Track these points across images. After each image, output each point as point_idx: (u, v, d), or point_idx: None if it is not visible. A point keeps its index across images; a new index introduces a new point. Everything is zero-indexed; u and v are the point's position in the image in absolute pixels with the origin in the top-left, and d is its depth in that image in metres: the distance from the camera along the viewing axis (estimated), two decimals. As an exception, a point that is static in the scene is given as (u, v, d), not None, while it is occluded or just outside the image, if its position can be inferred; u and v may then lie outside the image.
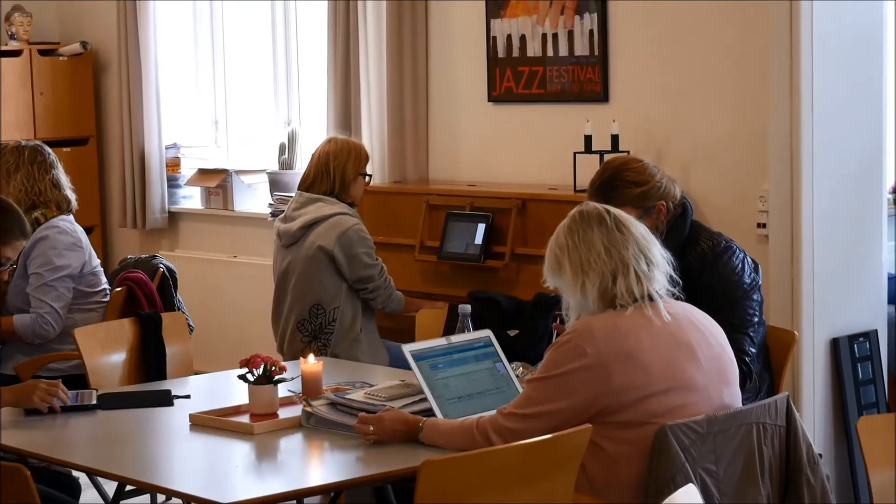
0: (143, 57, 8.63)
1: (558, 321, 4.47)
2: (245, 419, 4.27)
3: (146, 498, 6.20)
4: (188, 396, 4.63)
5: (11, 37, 9.02)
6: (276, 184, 8.05)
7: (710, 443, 3.78)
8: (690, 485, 3.26)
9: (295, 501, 5.63)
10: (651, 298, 3.86)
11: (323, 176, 5.95)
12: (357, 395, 4.21)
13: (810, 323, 5.81)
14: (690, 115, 6.29)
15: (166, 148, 8.80)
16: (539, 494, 3.61)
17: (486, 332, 4.38)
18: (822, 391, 5.88)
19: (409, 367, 4.16)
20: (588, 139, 6.39)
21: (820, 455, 4.07)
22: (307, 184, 5.98)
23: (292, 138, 8.14)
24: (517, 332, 5.60)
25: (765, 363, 4.80)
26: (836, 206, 5.86)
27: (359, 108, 7.46)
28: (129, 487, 5.21)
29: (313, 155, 6.03)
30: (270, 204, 8.02)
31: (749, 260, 4.78)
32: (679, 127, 6.33)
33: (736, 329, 4.52)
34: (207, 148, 8.99)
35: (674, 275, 3.93)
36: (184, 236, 8.85)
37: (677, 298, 3.94)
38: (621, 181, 4.72)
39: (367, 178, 6.07)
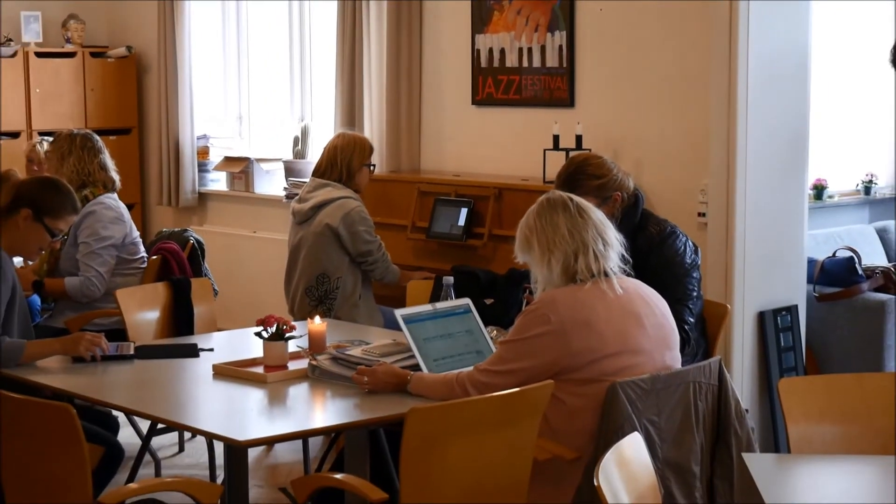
0: (179, 60, 8.61)
1: (527, 293, 4.47)
2: (260, 370, 4.26)
3: (174, 436, 6.21)
4: (212, 349, 4.62)
5: (67, 41, 8.98)
6: (290, 170, 8.04)
7: (654, 398, 3.78)
8: (636, 433, 3.26)
9: (301, 440, 5.65)
10: (606, 275, 3.86)
11: (333, 165, 5.94)
12: (355, 352, 4.20)
13: (741, 298, 5.81)
14: (643, 119, 6.28)
15: (197, 138, 8.77)
16: (508, 439, 3.61)
17: (466, 301, 4.38)
18: (750, 356, 5.89)
19: (400, 329, 4.16)
20: (556, 138, 6.38)
21: (746, 410, 4.07)
22: (320, 171, 5.98)
23: (305, 132, 8.12)
24: (492, 300, 5.60)
25: (701, 331, 4.80)
26: (766, 199, 5.86)
27: (362, 107, 7.44)
28: (160, 426, 5.25)
29: (325, 147, 6.02)
30: (285, 188, 8.00)
31: (690, 243, 4.78)
32: (633, 129, 6.32)
33: (678, 302, 4.52)
34: (232, 139, 8.97)
35: (625, 254, 3.94)
36: (211, 214, 8.83)
37: (628, 275, 3.94)
38: (583, 174, 4.71)
39: (371, 168, 6.06)
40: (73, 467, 3.53)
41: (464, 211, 6.49)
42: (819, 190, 7.25)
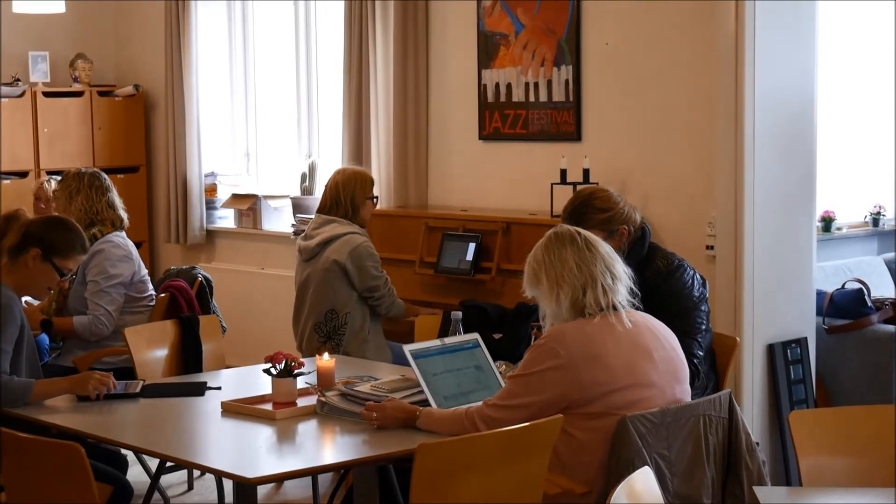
0: (186, 98, 8.64)
1: (535, 329, 4.47)
2: (268, 407, 4.26)
3: (183, 473, 6.20)
4: (219, 388, 4.62)
5: (75, 80, 9.02)
6: (298, 207, 8.05)
7: (664, 431, 3.78)
8: (646, 467, 3.25)
9: (310, 477, 5.64)
10: (615, 308, 3.86)
11: (337, 202, 5.95)
12: (364, 388, 4.20)
13: (750, 330, 5.80)
14: (650, 153, 6.29)
15: (205, 175, 8.79)
16: (518, 474, 3.60)
17: (475, 335, 4.37)
18: (760, 389, 5.87)
19: (408, 364, 4.16)
20: (563, 172, 6.39)
21: (757, 443, 4.06)
22: (325, 209, 5.99)
23: (312, 168, 8.14)
24: (501, 335, 5.60)
25: (711, 364, 4.79)
26: (773, 232, 5.86)
27: (369, 144, 7.46)
28: (169, 464, 5.24)
29: (327, 185, 6.04)
30: (293, 224, 8.01)
31: (698, 276, 4.77)
32: (640, 163, 6.33)
33: (687, 335, 4.51)
34: (240, 176, 8.99)
35: (634, 288, 3.94)
36: (219, 251, 8.84)
37: (637, 308, 3.94)
38: (590, 208, 4.71)
39: (374, 200, 6.07)
40: (81, 506, 3.53)
41: (472, 246, 6.49)
42: (827, 222, 7.25)
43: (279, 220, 8.43)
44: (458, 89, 7.21)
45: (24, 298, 4.69)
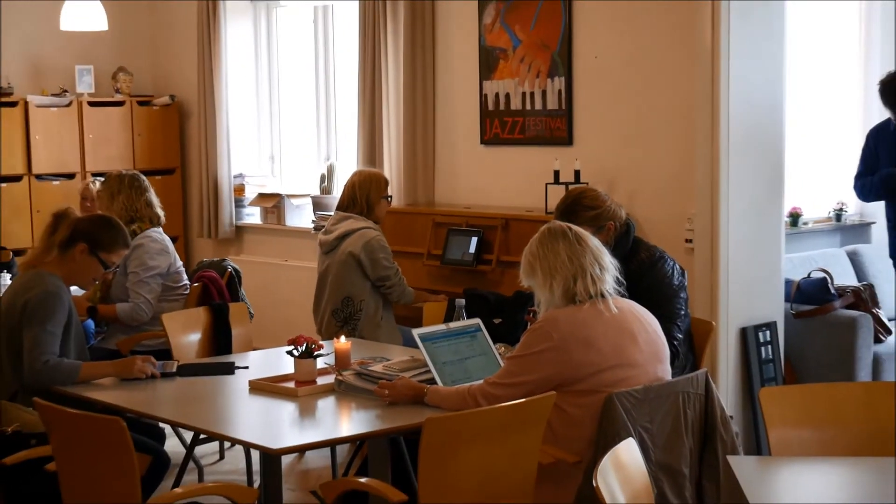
0: (217, 107, 8.63)
1: (531, 314, 4.47)
2: (291, 385, 4.27)
3: (216, 445, 6.21)
4: (247, 368, 4.63)
5: (117, 91, 9.02)
6: (317, 205, 8.05)
7: (647, 407, 3.78)
8: (631, 439, 3.25)
9: (329, 448, 5.65)
10: (603, 296, 3.86)
11: (354, 200, 5.95)
12: (377, 368, 4.21)
13: (725, 315, 5.80)
14: (635, 155, 6.29)
15: (234, 177, 8.79)
16: (515, 445, 3.61)
17: (477, 321, 4.38)
18: (734, 368, 5.87)
19: (417, 347, 4.16)
20: (556, 173, 6.39)
21: (731, 417, 4.07)
22: (343, 206, 5.99)
23: (331, 170, 8.14)
24: (501, 320, 5.59)
25: (689, 346, 4.79)
26: (746, 226, 5.85)
27: (382, 148, 7.46)
28: (202, 436, 5.25)
29: (345, 184, 6.04)
30: (313, 220, 8.02)
31: (678, 267, 4.77)
32: (626, 164, 6.33)
33: (667, 320, 4.50)
34: (265, 177, 8.98)
35: (619, 277, 3.94)
36: (247, 244, 8.85)
37: (622, 296, 3.94)
38: (580, 206, 4.71)
39: (388, 199, 6.07)
40: (123, 475, 3.53)
41: (474, 239, 6.49)
42: (795, 217, 7.23)
43: (301, 216, 8.43)
44: (462, 98, 7.21)
45: (71, 288, 4.70)
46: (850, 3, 7.69)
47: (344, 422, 4.09)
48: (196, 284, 6.00)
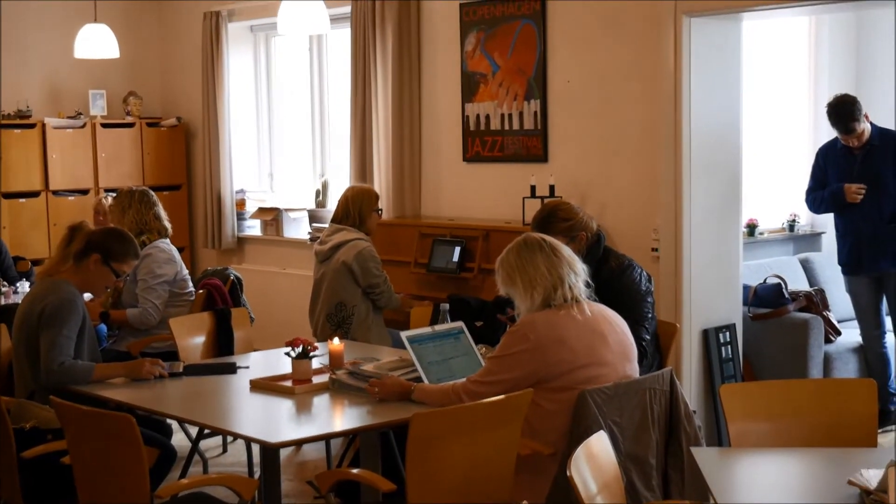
0: (220, 128, 8.62)
1: (508, 316, 4.47)
2: (289, 383, 4.26)
3: (219, 439, 6.19)
4: (248, 368, 4.62)
5: (128, 113, 9.00)
6: (313, 218, 8.04)
7: (617, 402, 3.77)
8: (602, 432, 3.25)
9: (324, 441, 5.63)
10: (577, 300, 3.86)
11: (347, 213, 5.94)
12: (368, 367, 4.20)
13: (688, 318, 5.81)
14: (605, 171, 6.30)
15: (236, 192, 8.77)
16: (495, 438, 3.60)
17: (460, 323, 4.37)
18: (696, 366, 5.88)
19: (405, 347, 4.16)
20: (533, 188, 6.40)
21: (694, 411, 4.07)
22: (337, 219, 5.98)
23: (325, 185, 8.13)
24: (482, 323, 5.59)
25: (656, 346, 4.79)
26: (707, 236, 5.87)
27: (372, 165, 7.45)
28: (206, 431, 5.23)
29: (339, 199, 6.03)
30: (309, 232, 8.00)
31: (645, 273, 4.77)
32: (597, 180, 6.34)
33: (636, 322, 4.51)
34: (265, 192, 8.97)
35: (589, 280, 3.93)
36: (248, 254, 8.83)
37: (593, 300, 3.94)
38: (555, 217, 4.71)
39: (379, 212, 6.06)
40: (133, 467, 3.52)
41: (457, 249, 6.49)
42: (751, 228, 7.26)
43: (298, 228, 8.41)
44: (446, 119, 7.20)
45: (85, 294, 4.68)
46: (801, 33, 7.72)
47: (338, 417, 4.07)
48: (201, 291, 5.98)
